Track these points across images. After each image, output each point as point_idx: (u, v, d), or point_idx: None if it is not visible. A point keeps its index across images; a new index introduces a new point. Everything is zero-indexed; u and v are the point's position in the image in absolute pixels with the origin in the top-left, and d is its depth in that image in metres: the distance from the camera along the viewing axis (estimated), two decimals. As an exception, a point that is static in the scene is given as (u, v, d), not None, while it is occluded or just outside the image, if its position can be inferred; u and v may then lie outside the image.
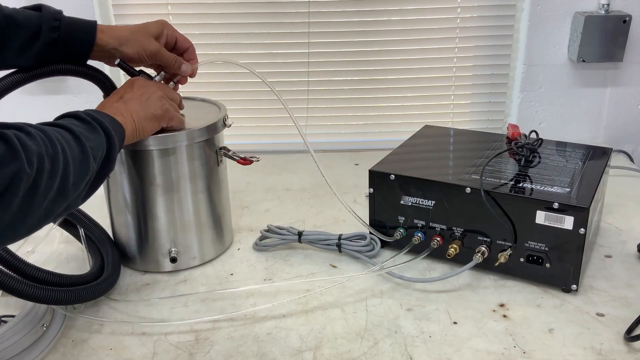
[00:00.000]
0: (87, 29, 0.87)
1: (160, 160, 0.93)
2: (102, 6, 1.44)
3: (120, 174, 0.94)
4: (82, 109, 0.75)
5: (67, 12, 0.86)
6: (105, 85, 0.95)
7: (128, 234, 0.99)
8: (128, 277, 0.99)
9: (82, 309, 0.90)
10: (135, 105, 0.84)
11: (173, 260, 0.97)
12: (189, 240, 0.99)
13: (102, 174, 0.74)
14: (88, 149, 0.69)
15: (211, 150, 0.98)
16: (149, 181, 0.94)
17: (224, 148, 1.01)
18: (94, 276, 0.91)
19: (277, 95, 0.97)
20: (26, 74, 0.86)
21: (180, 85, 0.99)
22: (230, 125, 1.01)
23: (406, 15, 1.47)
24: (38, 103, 1.49)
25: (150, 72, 0.96)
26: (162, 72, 0.96)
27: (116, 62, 0.90)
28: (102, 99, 0.89)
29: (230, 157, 1.00)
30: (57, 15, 0.85)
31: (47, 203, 0.63)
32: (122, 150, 0.91)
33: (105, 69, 1.06)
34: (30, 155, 0.59)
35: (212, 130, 0.96)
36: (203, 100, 1.08)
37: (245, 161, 0.99)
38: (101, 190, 0.99)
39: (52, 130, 0.65)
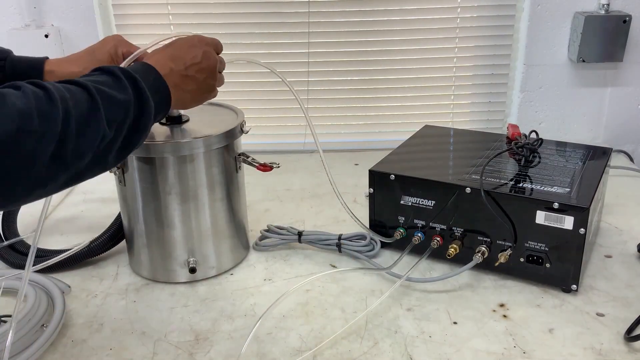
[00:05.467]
0: (35, 67, 0.85)
1: (177, 168, 0.90)
2: (102, 6, 1.44)
3: (135, 182, 0.91)
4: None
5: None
6: None
7: (143, 244, 0.96)
8: (127, 276, 0.99)
9: (84, 307, 0.90)
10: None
11: (192, 270, 0.94)
12: (207, 250, 0.96)
13: (128, 143, 0.65)
14: (102, 113, 0.61)
15: (230, 157, 0.95)
16: (166, 190, 0.91)
17: (243, 154, 0.98)
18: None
19: (295, 95, 0.94)
20: None
21: None
22: (247, 132, 0.97)
23: (406, 15, 1.47)
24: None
25: None
26: None
27: None
28: None
29: (250, 164, 0.97)
30: (2, 54, 0.83)
31: (37, 168, 0.56)
32: (136, 157, 0.89)
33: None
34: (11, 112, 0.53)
35: (230, 136, 0.93)
36: (220, 105, 1.05)
37: (265, 167, 0.96)
38: (115, 199, 0.99)
39: (61, 88, 0.59)
